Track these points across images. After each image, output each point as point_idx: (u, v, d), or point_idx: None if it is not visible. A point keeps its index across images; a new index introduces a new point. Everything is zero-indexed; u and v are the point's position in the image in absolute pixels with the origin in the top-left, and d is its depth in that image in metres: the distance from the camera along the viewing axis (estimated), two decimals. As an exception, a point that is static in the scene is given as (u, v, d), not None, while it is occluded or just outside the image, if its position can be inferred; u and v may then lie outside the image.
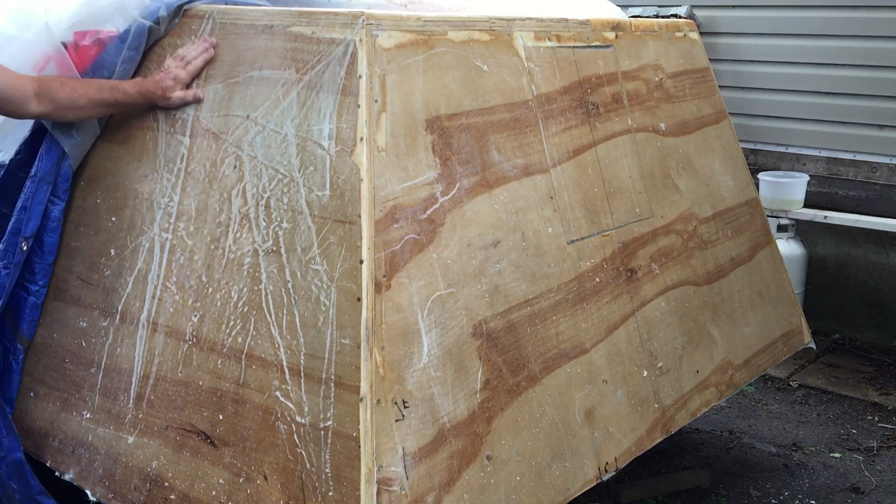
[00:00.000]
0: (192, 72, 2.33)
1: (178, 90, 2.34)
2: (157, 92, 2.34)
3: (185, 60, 2.34)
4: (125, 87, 2.35)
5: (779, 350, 3.30)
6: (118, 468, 2.27)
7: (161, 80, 2.34)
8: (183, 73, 2.33)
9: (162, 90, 2.33)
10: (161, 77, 2.34)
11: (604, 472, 2.41)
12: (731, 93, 5.02)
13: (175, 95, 2.34)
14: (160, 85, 2.33)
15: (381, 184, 2.04)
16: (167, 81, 2.33)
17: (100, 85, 2.34)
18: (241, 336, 2.13)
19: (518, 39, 2.49)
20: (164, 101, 2.35)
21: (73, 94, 2.30)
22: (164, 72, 2.35)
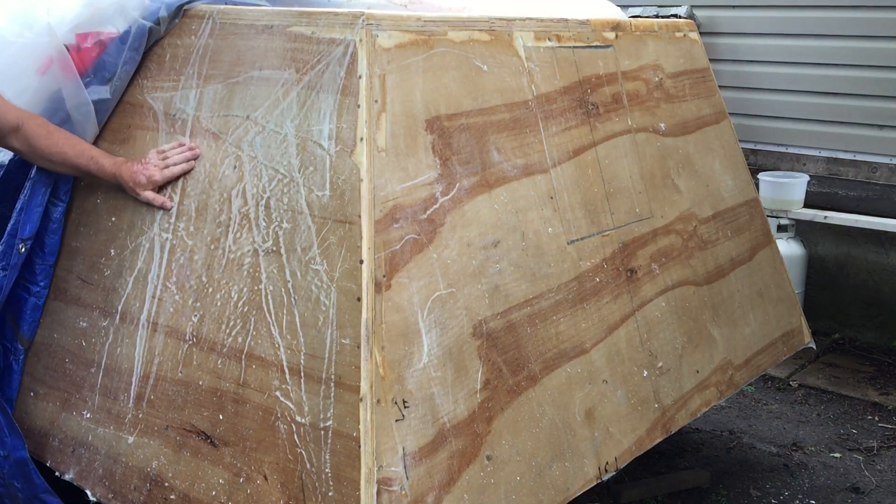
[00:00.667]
0: (168, 177, 2.33)
1: (148, 190, 2.34)
2: (129, 183, 2.34)
3: (165, 163, 2.33)
4: (102, 164, 2.36)
5: (779, 350, 3.30)
6: (118, 468, 2.28)
7: (135, 174, 2.33)
8: (157, 176, 2.32)
9: (133, 184, 2.34)
10: (137, 171, 2.33)
11: (604, 472, 2.41)
12: (731, 93, 5.02)
13: (144, 195, 2.34)
14: (133, 178, 2.33)
15: (381, 184, 2.04)
16: (140, 177, 2.33)
17: (80, 150, 2.36)
18: (241, 336, 2.13)
19: (518, 39, 2.49)
20: (133, 193, 2.36)
21: (52, 148, 2.32)
22: (142, 165, 2.34)
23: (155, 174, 2.32)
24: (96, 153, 2.37)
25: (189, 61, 2.41)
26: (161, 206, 2.33)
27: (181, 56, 2.43)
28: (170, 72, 2.44)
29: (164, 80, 2.44)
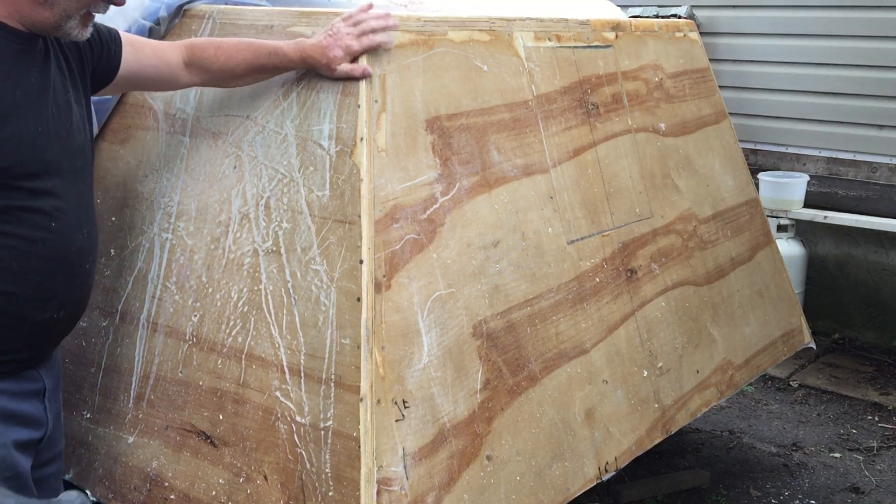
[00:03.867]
0: (367, 46, 2.04)
1: (345, 62, 2.05)
2: (321, 60, 2.05)
3: (361, 29, 2.04)
4: (285, 52, 2.08)
5: (779, 350, 3.30)
6: (118, 468, 2.27)
7: (328, 48, 2.04)
8: (355, 45, 2.03)
9: (328, 60, 2.04)
10: (328, 44, 2.04)
11: (604, 472, 2.41)
12: (731, 93, 5.02)
13: (341, 68, 2.05)
14: (326, 53, 2.04)
15: (381, 184, 2.04)
16: (335, 51, 2.03)
17: (257, 49, 2.11)
18: (241, 336, 2.13)
19: (518, 39, 2.49)
20: (328, 71, 2.07)
21: (228, 61, 2.11)
22: (332, 36, 2.05)
23: (352, 44, 2.03)
24: (273, 45, 2.10)
25: (189, 61, 2.40)
26: (363, 75, 2.03)
27: (181, 56, 2.43)
28: (170, 72, 2.43)
29: (164, 80, 2.44)
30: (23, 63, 1.76)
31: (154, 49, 2.14)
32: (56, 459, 2.04)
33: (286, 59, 2.09)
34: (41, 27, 1.77)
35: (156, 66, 2.12)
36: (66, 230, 1.83)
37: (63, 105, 1.86)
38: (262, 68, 2.13)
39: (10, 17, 1.74)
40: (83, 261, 1.90)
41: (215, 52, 2.13)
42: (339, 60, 2.04)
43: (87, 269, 1.92)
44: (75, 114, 1.90)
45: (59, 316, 1.88)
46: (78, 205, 1.88)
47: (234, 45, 2.13)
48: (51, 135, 1.80)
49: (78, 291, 1.92)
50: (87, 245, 1.91)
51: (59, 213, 1.81)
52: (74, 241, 1.86)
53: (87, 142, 1.95)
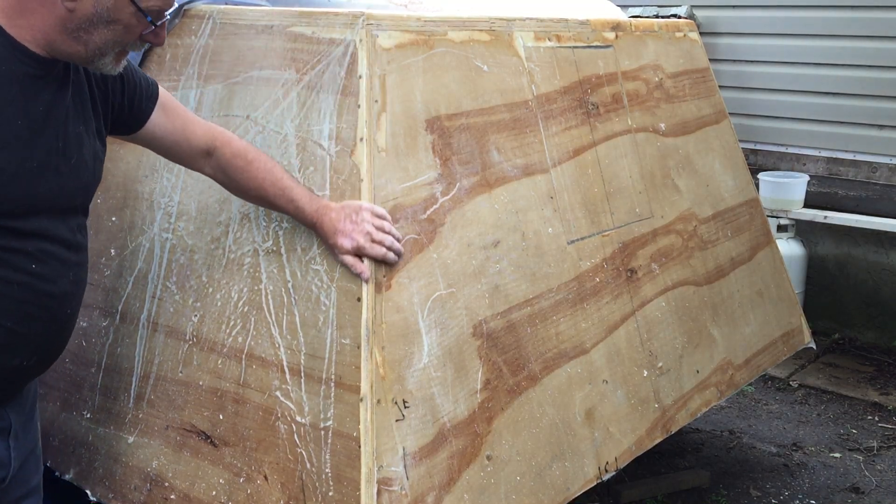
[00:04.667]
0: (375, 256, 1.95)
1: (350, 255, 1.96)
2: (329, 238, 1.98)
3: (380, 238, 1.95)
4: (304, 210, 2.01)
5: (779, 350, 3.30)
6: (118, 468, 2.27)
7: (341, 234, 1.95)
8: (367, 248, 1.94)
9: (335, 242, 1.97)
10: (344, 230, 1.95)
11: (604, 472, 2.41)
12: (731, 93, 5.02)
13: (345, 259, 1.97)
14: (337, 237, 1.96)
15: (381, 184, 2.04)
16: (346, 241, 1.94)
17: (281, 189, 2.01)
18: (242, 336, 2.13)
19: (518, 39, 2.49)
20: (330, 247, 2.00)
21: (249, 182, 2.02)
22: (352, 223, 1.95)
23: (364, 245, 1.94)
24: (297, 195, 2.00)
25: (189, 61, 2.41)
26: (359, 275, 1.96)
27: (181, 56, 2.43)
28: (170, 72, 2.44)
29: (165, 80, 2.44)
30: (33, 88, 1.65)
31: (185, 123, 2.03)
32: (30, 495, 1.90)
33: (301, 215, 2.01)
34: (72, 59, 1.67)
35: (177, 142, 2.02)
36: (49, 274, 1.70)
37: (73, 136, 1.74)
38: (277, 208, 2.06)
39: (34, 41, 1.63)
40: (64, 306, 1.76)
41: (244, 167, 2.02)
42: (344, 251, 1.96)
43: (68, 314, 1.78)
44: (87, 147, 1.79)
45: (30, 363, 1.74)
46: (68, 246, 1.75)
47: (261, 173, 2.02)
48: (48, 169, 1.68)
49: (55, 339, 1.78)
50: (71, 290, 1.77)
51: (44, 255, 1.68)
52: (57, 285, 1.72)
53: (92, 179, 1.83)
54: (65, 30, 1.62)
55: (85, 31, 1.63)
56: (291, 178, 2.05)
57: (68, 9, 1.60)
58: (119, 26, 1.64)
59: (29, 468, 1.89)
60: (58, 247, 1.72)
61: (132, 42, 1.70)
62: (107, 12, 1.62)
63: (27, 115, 1.64)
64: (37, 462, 1.93)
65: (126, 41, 1.68)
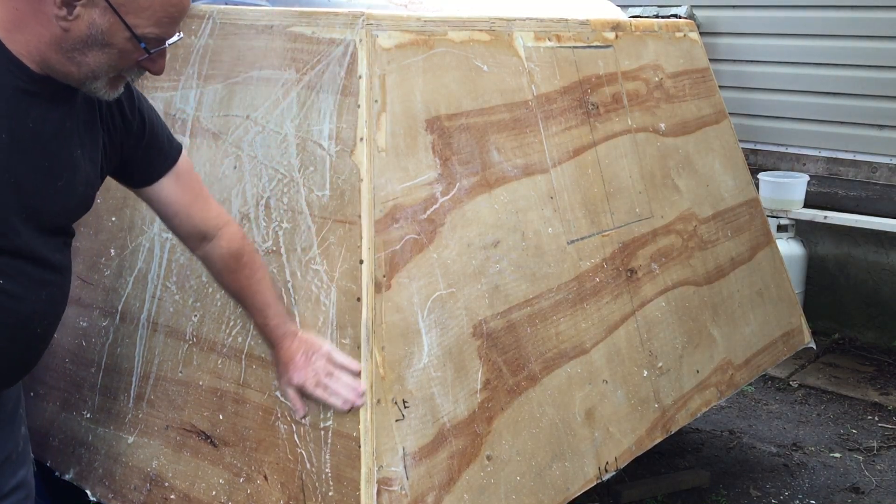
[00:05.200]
0: (317, 398, 1.89)
1: (292, 391, 1.91)
2: (279, 367, 1.93)
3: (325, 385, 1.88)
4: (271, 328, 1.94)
5: (779, 350, 3.30)
6: (118, 468, 2.27)
7: (289, 368, 1.90)
8: (309, 387, 1.89)
9: (283, 373, 1.92)
10: (297, 364, 1.90)
11: (604, 472, 2.41)
12: (731, 93, 5.02)
13: (287, 392, 1.92)
14: (288, 369, 1.91)
15: (381, 184, 2.04)
16: (294, 376, 1.89)
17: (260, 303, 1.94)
18: (241, 336, 2.13)
19: (518, 39, 2.49)
20: (277, 376, 1.96)
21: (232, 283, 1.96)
22: (307, 360, 1.90)
23: (308, 385, 1.88)
24: (272, 315, 1.94)
25: (189, 61, 2.41)
26: (294, 411, 1.92)
27: (181, 56, 2.43)
28: (170, 72, 2.44)
29: (164, 80, 2.44)
30: (23, 103, 1.61)
31: (195, 199, 1.95)
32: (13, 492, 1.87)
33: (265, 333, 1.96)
34: (66, 79, 1.62)
35: (178, 214, 1.94)
36: (16, 291, 1.64)
37: (66, 158, 1.69)
38: (248, 315, 2.01)
39: (30, 57, 1.59)
40: (33, 324, 1.71)
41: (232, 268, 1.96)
42: (289, 382, 1.90)
43: (38, 333, 1.73)
44: (82, 172, 1.73)
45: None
46: (44, 265, 1.69)
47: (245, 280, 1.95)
48: (29, 189, 1.62)
49: (18, 356, 1.73)
50: (42, 309, 1.71)
51: (14, 272, 1.63)
52: (27, 303, 1.67)
53: (80, 205, 1.77)
54: (59, 49, 1.58)
55: (79, 53, 1.58)
56: (274, 295, 1.98)
57: (63, 28, 1.55)
58: (114, 50, 1.59)
59: (4, 473, 1.85)
60: (32, 266, 1.67)
61: (128, 69, 1.64)
62: (101, 35, 1.57)
63: (12, 131, 1.60)
64: (13, 468, 1.88)
65: (121, 66, 1.63)
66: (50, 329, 1.78)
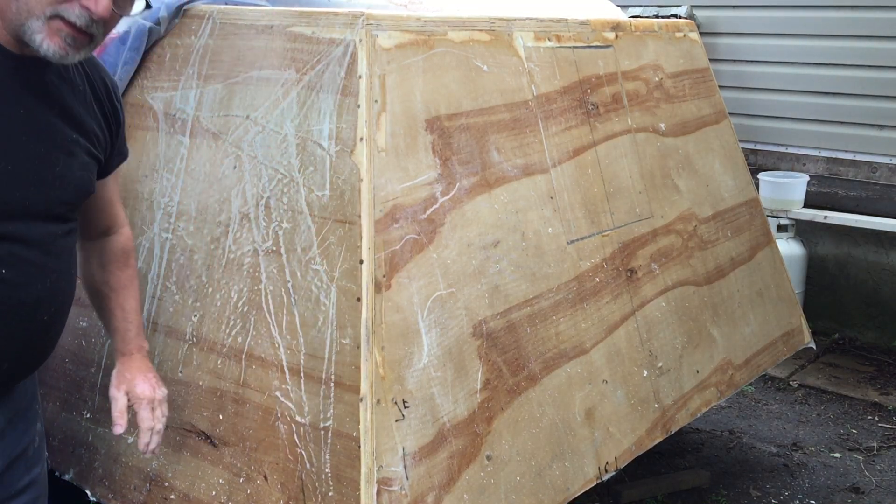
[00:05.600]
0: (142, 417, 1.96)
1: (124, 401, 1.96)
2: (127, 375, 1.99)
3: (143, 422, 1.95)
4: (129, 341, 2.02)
5: (779, 350, 3.30)
6: (118, 468, 2.27)
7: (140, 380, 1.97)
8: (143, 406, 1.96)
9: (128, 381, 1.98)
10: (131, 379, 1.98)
11: (604, 472, 2.41)
12: (731, 93, 5.02)
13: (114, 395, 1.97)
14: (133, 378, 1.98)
15: (381, 184, 2.04)
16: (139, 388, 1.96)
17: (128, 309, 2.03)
18: (241, 336, 2.13)
19: (518, 39, 2.49)
20: (116, 382, 2.00)
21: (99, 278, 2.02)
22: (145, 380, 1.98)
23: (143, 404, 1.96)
24: (135, 323, 2.03)
25: (189, 61, 2.41)
26: (113, 422, 1.94)
27: (181, 56, 2.43)
28: (170, 72, 2.44)
29: (164, 80, 2.44)
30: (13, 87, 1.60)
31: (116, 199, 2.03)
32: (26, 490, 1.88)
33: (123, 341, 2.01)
34: (12, 29, 1.57)
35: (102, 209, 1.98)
36: (18, 278, 1.64)
37: (60, 144, 1.69)
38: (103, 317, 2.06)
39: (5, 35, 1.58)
40: (39, 312, 1.70)
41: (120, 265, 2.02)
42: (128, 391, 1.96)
43: (44, 320, 1.73)
44: (78, 156, 1.73)
45: (2, 368, 1.70)
46: (46, 252, 1.69)
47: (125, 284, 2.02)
48: (26, 176, 1.62)
49: (26, 344, 1.73)
50: (46, 296, 1.71)
51: (15, 260, 1.63)
52: (30, 290, 1.67)
53: (80, 189, 1.77)
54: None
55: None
56: (137, 314, 2.04)
57: None
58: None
59: (17, 469, 1.85)
60: (34, 252, 1.67)
61: (66, 8, 1.55)
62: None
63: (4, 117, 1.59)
64: (27, 464, 1.88)
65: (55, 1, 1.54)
66: (57, 318, 1.78)
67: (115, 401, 1.96)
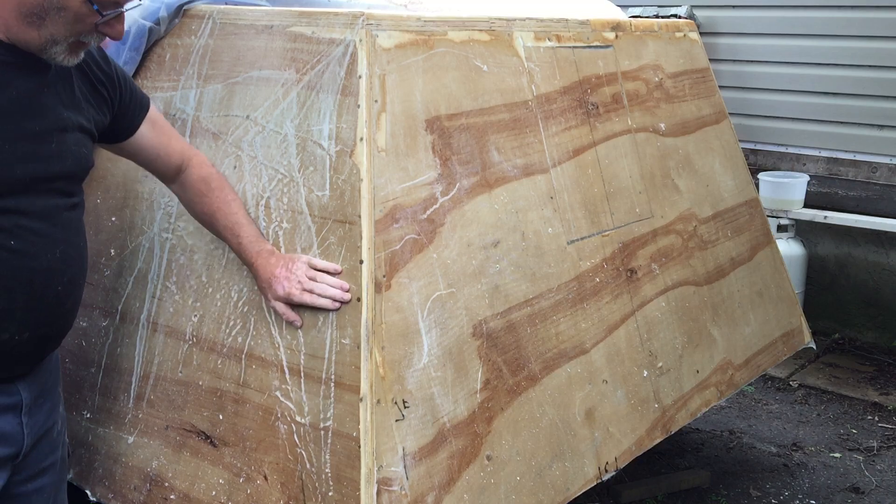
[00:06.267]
0: (305, 303, 1.99)
1: (280, 303, 2.02)
2: (262, 283, 2.04)
3: (311, 287, 1.99)
4: (245, 247, 2.06)
5: (779, 350, 3.30)
6: (118, 468, 2.28)
7: (273, 280, 2.01)
8: (296, 297, 1.99)
9: (267, 289, 2.03)
10: (277, 277, 2.00)
11: (604, 472, 2.41)
12: (731, 93, 5.02)
13: (275, 305, 2.03)
14: (271, 283, 2.01)
15: (381, 184, 2.04)
16: (279, 288, 2.00)
17: (232, 223, 2.08)
18: (241, 336, 2.13)
19: (518, 39, 2.49)
20: (262, 293, 2.06)
21: (204, 208, 2.10)
22: (286, 270, 2.01)
23: (294, 293, 1.99)
24: (244, 233, 2.06)
25: (189, 61, 2.41)
26: (290, 322, 2.03)
27: (181, 56, 2.43)
28: (170, 72, 2.44)
29: (164, 80, 2.44)
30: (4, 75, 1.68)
31: (169, 138, 2.11)
32: (47, 471, 1.93)
33: (242, 252, 2.07)
34: (26, 46, 1.69)
35: (158, 156, 2.10)
36: (29, 249, 1.71)
37: (53, 122, 1.76)
38: (224, 239, 2.13)
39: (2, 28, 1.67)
40: (51, 282, 1.77)
41: (204, 192, 2.10)
42: (276, 296, 2.02)
43: (57, 290, 1.79)
44: (72, 133, 1.81)
45: (23, 337, 1.75)
46: (52, 224, 1.76)
47: (217, 202, 2.09)
48: (24, 154, 1.70)
49: (43, 313, 1.78)
50: (58, 266, 1.77)
51: (22, 232, 1.70)
52: (39, 260, 1.73)
53: (77, 166, 1.83)
54: (20, 15, 1.65)
55: (38, 17, 1.65)
56: (246, 217, 2.11)
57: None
58: (69, 14, 1.66)
59: (42, 448, 1.91)
60: (39, 223, 1.74)
61: (88, 33, 1.71)
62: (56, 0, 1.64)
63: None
64: (51, 445, 1.94)
65: (79, 31, 1.69)
66: (71, 289, 1.84)
67: (275, 310, 2.05)
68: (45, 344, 1.85)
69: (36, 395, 1.88)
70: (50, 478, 1.94)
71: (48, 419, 1.92)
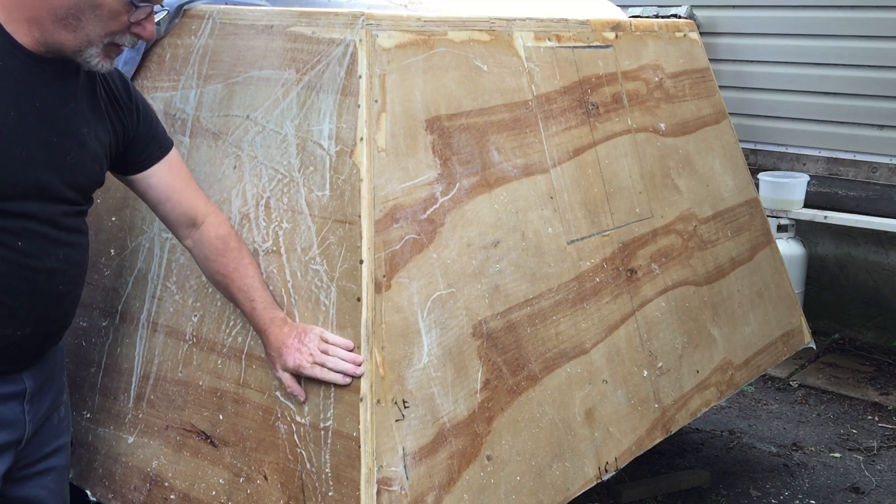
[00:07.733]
0: (315, 376, 1.95)
1: (287, 375, 1.98)
2: (272, 352, 1.99)
3: (322, 361, 1.94)
4: (258, 312, 2.01)
5: (779, 350, 3.30)
6: (118, 468, 2.28)
7: (283, 350, 1.96)
8: (306, 369, 1.94)
9: (276, 358, 1.98)
10: (288, 347, 1.96)
11: (604, 472, 2.41)
12: (731, 93, 5.02)
13: (282, 376, 1.98)
14: (281, 352, 1.97)
15: (381, 184, 2.04)
16: (289, 360, 1.96)
17: (246, 286, 2.02)
18: (241, 336, 2.13)
19: (518, 39, 2.50)
20: (270, 361, 2.01)
21: (219, 268, 2.05)
22: (298, 342, 1.97)
23: (304, 366, 1.94)
24: (259, 300, 2.01)
25: (189, 61, 2.41)
26: (294, 395, 1.99)
27: (181, 56, 2.43)
28: (170, 72, 2.44)
29: (164, 80, 2.44)
30: (27, 83, 1.72)
31: (185, 187, 2.07)
32: (56, 454, 2.00)
33: (255, 318, 2.02)
34: (61, 49, 1.72)
35: (168, 199, 2.05)
36: (33, 250, 1.76)
37: (73, 136, 1.81)
38: (235, 303, 2.07)
39: (30, 37, 1.70)
40: (53, 282, 1.82)
41: (221, 251, 2.05)
42: (284, 367, 1.97)
43: (59, 290, 1.84)
44: (89, 149, 1.85)
45: (25, 333, 1.81)
46: (58, 227, 1.81)
47: (234, 263, 2.04)
48: (39, 162, 1.74)
49: (45, 311, 1.83)
50: (60, 267, 1.82)
51: (28, 234, 1.75)
52: (44, 260, 1.78)
53: (88, 180, 1.87)
54: (56, 19, 1.69)
55: (74, 18, 1.69)
56: (262, 281, 2.06)
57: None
58: (103, 11, 1.70)
59: (46, 434, 1.97)
60: (46, 227, 1.79)
61: (121, 34, 1.75)
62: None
63: (19, 108, 1.71)
64: (55, 431, 2.00)
65: (113, 31, 1.74)
66: (72, 288, 1.89)
67: (282, 381, 2.00)
68: (46, 339, 1.90)
69: (40, 383, 1.93)
70: (56, 461, 2.02)
71: (50, 406, 1.98)
